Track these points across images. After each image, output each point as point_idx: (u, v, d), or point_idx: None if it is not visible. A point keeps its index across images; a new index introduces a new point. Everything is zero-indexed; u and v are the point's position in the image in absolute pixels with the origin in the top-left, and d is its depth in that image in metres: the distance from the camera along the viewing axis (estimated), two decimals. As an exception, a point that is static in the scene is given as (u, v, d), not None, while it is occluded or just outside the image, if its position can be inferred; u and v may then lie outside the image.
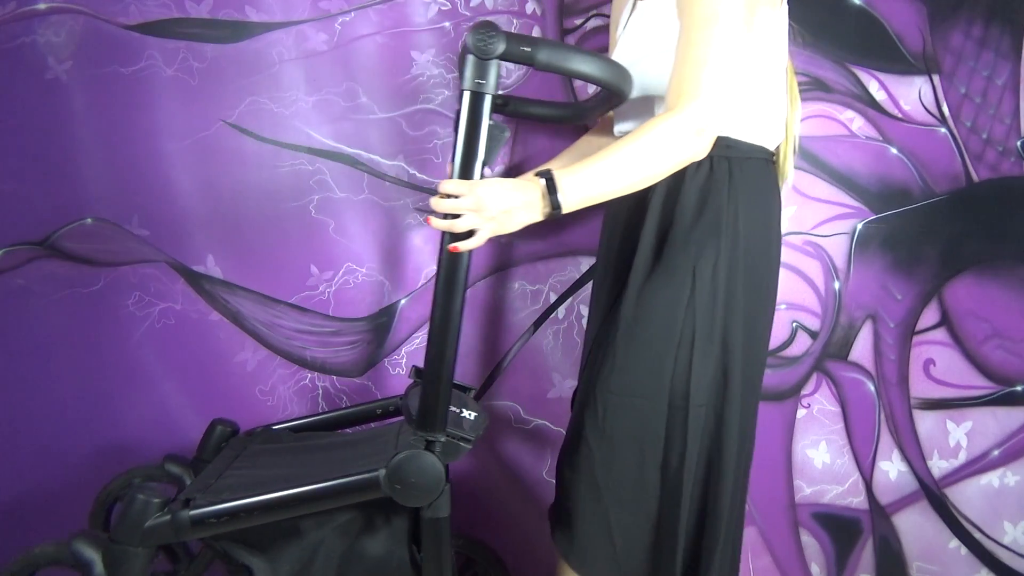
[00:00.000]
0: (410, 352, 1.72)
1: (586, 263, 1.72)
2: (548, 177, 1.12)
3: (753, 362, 1.30)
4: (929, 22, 1.61)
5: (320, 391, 1.71)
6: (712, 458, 1.26)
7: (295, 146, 1.64)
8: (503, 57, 1.09)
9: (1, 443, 1.64)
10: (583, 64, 1.14)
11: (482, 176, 1.12)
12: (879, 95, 1.63)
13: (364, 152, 1.66)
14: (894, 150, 1.64)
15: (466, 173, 1.12)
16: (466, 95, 1.10)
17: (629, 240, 1.31)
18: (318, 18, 1.62)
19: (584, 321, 1.73)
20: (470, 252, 1.14)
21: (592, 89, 1.54)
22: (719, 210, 1.24)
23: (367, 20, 1.63)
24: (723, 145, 1.24)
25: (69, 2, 1.57)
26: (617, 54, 1.35)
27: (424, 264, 1.71)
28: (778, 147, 1.35)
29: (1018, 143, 1.63)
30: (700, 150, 1.18)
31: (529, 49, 1.10)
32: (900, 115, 1.63)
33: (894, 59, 1.62)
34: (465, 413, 1.25)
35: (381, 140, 1.66)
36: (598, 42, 1.66)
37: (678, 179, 1.25)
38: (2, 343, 1.63)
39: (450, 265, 1.14)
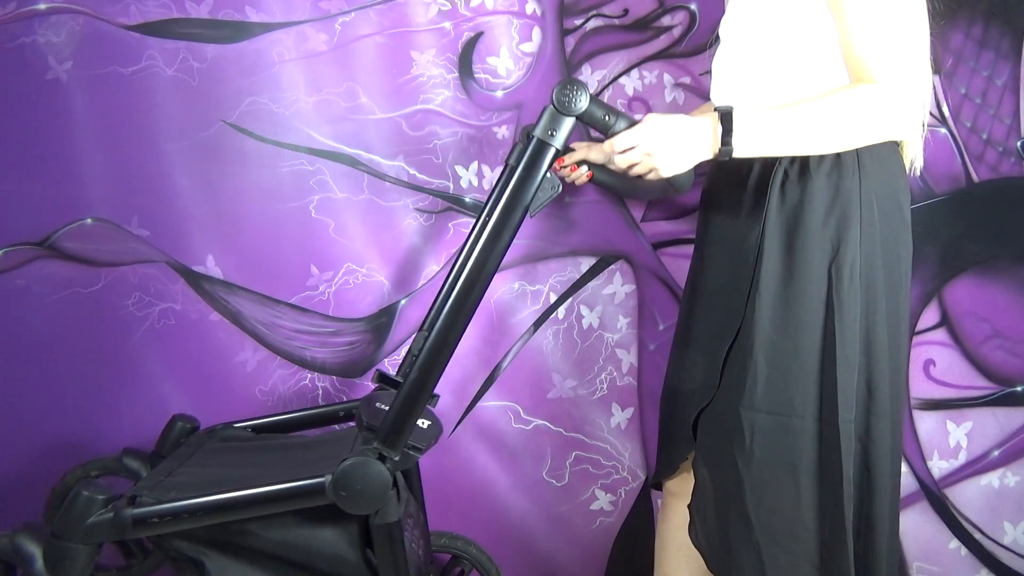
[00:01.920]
0: (410, 352, 1.72)
1: (586, 263, 1.72)
2: (725, 113, 1.05)
3: (898, 368, 1.20)
4: (929, 22, 1.61)
5: (320, 391, 1.71)
6: (861, 483, 1.15)
7: (295, 146, 1.64)
8: (581, 118, 1.09)
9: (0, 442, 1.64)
10: None
11: (519, 223, 1.12)
12: (879, 95, 1.62)
13: (364, 152, 1.66)
14: (894, 150, 1.64)
15: (508, 215, 1.12)
16: (533, 141, 1.10)
17: (742, 236, 1.20)
18: (318, 18, 1.62)
19: (584, 322, 1.73)
20: (490, 279, 1.13)
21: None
22: (851, 201, 1.13)
23: (367, 20, 1.62)
24: None
25: (69, 2, 1.57)
26: (723, 34, 1.27)
27: (424, 264, 1.70)
28: None
29: (1018, 143, 1.63)
30: (898, 131, 1.08)
31: (609, 118, 1.09)
32: (900, 115, 1.63)
33: (894, 59, 1.62)
34: (419, 422, 1.21)
35: (381, 140, 1.66)
36: (599, 42, 1.66)
37: (801, 167, 1.15)
38: (2, 343, 1.63)
39: (464, 290, 1.13)
